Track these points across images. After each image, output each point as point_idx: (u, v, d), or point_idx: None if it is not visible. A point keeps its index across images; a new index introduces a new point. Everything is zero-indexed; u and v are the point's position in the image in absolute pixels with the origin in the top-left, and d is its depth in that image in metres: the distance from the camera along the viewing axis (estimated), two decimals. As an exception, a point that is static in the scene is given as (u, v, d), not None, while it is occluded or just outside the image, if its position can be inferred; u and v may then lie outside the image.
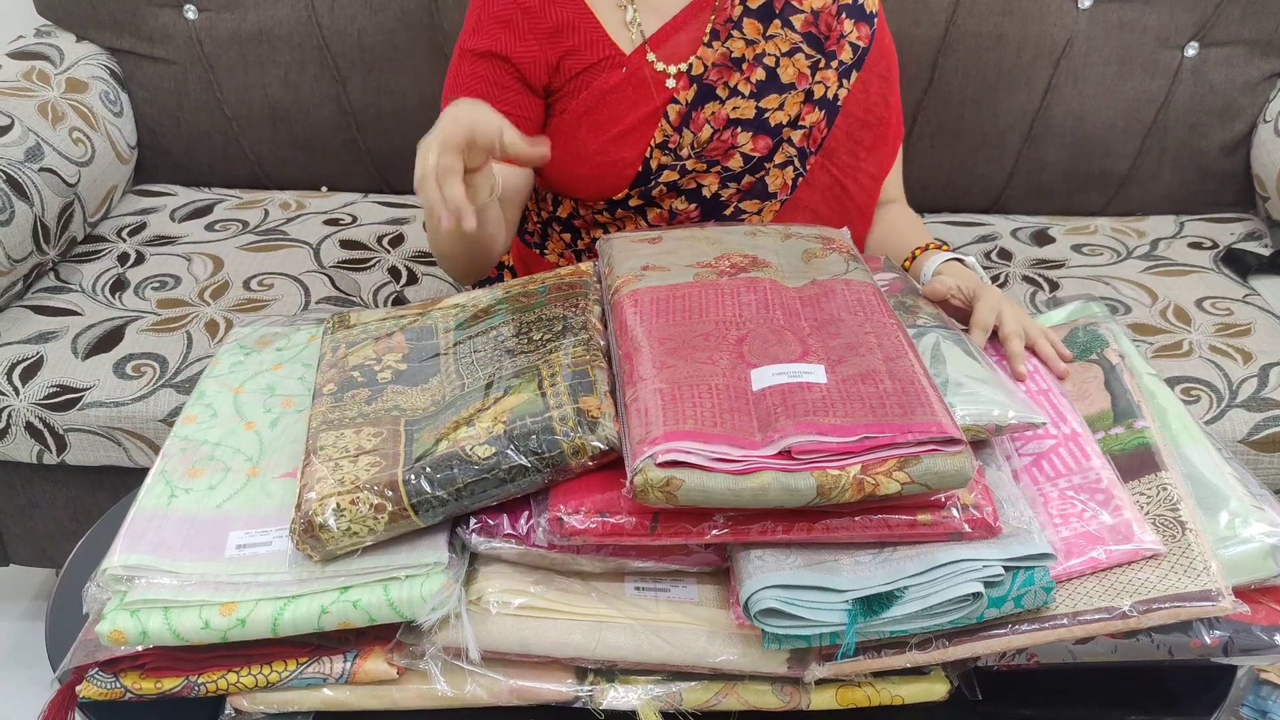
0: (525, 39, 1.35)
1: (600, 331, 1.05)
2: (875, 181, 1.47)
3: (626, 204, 1.40)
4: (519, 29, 1.35)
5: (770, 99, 1.36)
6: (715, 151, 1.36)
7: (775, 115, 1.36)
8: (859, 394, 0.89)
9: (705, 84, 1.36)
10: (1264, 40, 1.94)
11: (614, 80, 1.36)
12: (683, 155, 1.36)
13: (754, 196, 1.40)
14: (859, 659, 0.87)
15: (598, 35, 1.36)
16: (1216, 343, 1.63)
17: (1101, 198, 2.05)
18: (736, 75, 1.36)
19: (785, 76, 1.37)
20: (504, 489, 0.89)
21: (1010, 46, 1.93)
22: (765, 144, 1.37)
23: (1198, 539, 0.91)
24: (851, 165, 1.44)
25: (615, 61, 1.36)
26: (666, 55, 1.37)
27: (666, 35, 1.37)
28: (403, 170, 2.09)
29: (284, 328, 1.23)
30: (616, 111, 1.36)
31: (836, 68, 1.38)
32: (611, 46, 1.36)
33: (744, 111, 1.36)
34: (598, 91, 1.36)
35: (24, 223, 1.67)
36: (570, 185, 1.42)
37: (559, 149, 1.39)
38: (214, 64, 2.01)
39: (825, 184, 1.43)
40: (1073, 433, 1.02)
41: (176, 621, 0.87)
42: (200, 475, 1.00)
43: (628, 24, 1.36)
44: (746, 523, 0.86)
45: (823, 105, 1.38)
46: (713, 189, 1.38)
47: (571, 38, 1.36)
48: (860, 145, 1.43)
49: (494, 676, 0.90)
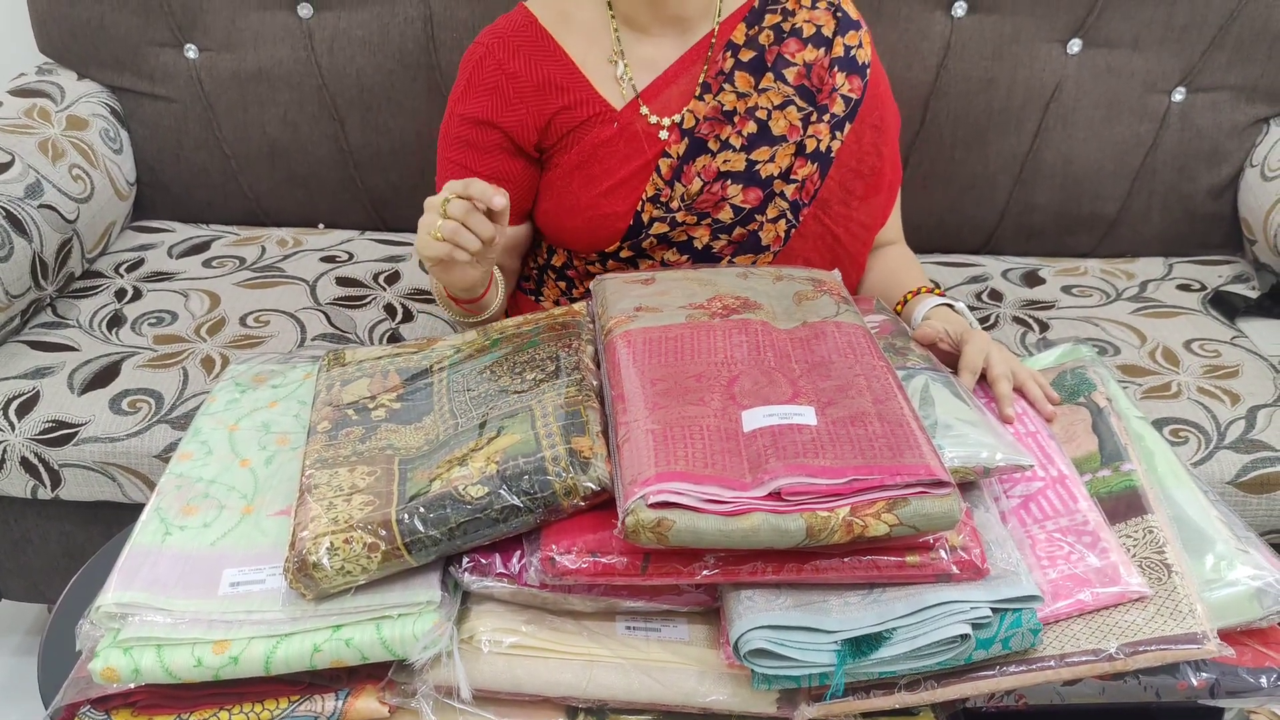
0: (512, 104, 1.38)
1: (593, 372, 1.06)
2: (868, 230, 1.49)
3: (618, 255, 1.42)
4: (505, 95, 1.38)
5: (761, 151, 1.38)
6: (705, 204, 1.38)
7: (766, 167, 1.38)
8: (848, 436, 0.90)
9: (696, 137, 1.37)
10: (1250, 86, 1.97)
11: (605, 135, 1.38)
12: (673, 208, 1.38)
13: (746, 249, 1.41)
14: (848, 699, 0.88)
15: (588, 94, 1.38)
16: (1205, 384, 1.64)
17: (1091, 239, 2.07)
18: (728, 128, 1.37)
19: (777, 129, 1.38)
20: (496, 529, 0.90)
21: (1000, 90, 1.96)
22: (756, 196, 1.38)
23: (1183, 582, 0.91)
24: (844, 215, 1.45)
25: (607, 117, 1.38)
26: (659, 108, 1.38)
27: (659, 89, 1.39)
28: (399, 208, 2.11)
29: (280, 365, 1.24)
30: (609, 165, 1.38)
31: (829, 120, 1.40)
32: (602, 103, 1.38)
33: (734, 164, 1.37)
34: (590, 146, 1.38)
35: (22, 258, 1.68)
36: (563, 237, 1.44)
37: (552, 202, 1.42)
38: (213, 102, 2.02)
39: (818, 233, 1.45)
40: (1060, 475, 1.03)
41: (169, 659, 0.87)
42: (195, 512, 1.00)
43: (618, 79, 1.38)
44: (737, 563, 0.87)
45: (815, 158, 1.40)
46: (704, 240, 1.39)
47: (561, 97, 1.38)
48: (852, 195, 1.45)
49: (486, 715, 0.90)
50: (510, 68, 1.37)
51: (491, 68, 1.37)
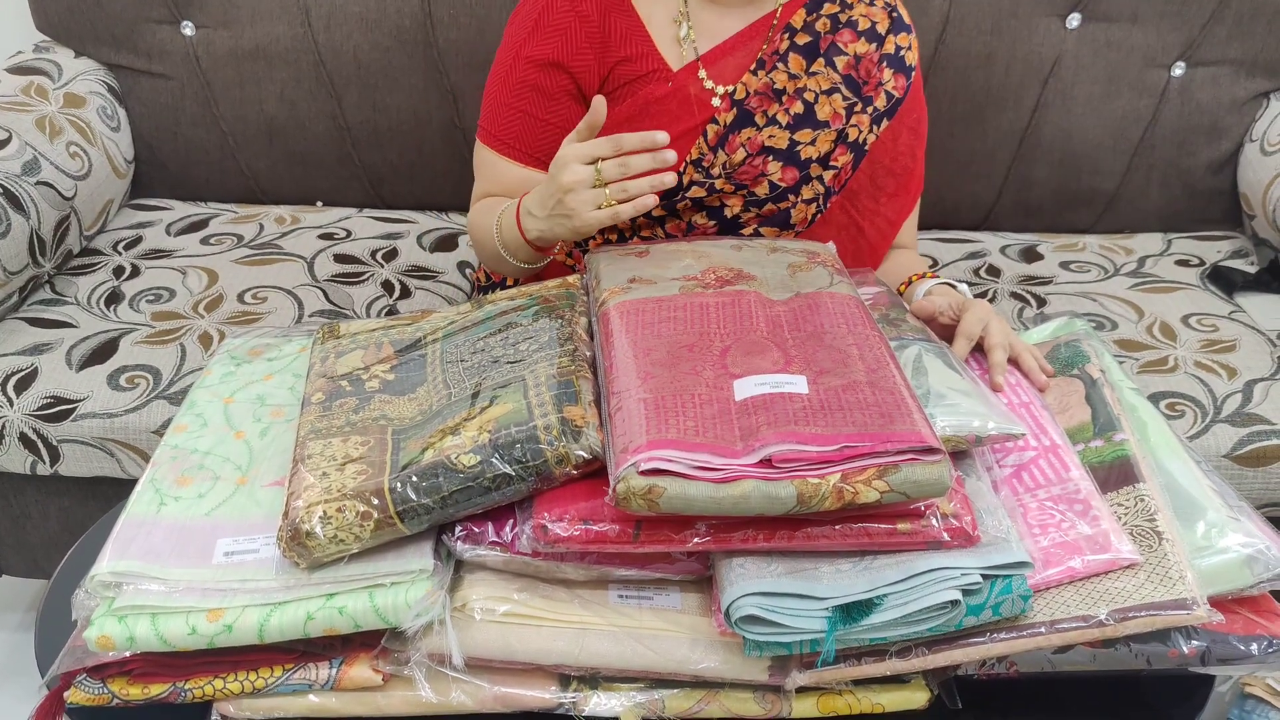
0: (581, 49, 1.38)
1: (586, 342, 1.06)
2: (892, 226, 1.50)
3: (649, 213, 1.42)
4: (576, 38, 1.37)
5: (804, 133, 1.38)
6: (745, 176, 1.38)
7: (806, 150, 1.38)
8: (840, 404, 0.90)
9: (745, 109, 1.38)
10: (1250, 60, 1.96)
11: (660, 93, 1.38)
12: (714, 174, 1.38)
13: (774, 224, 1.41)
14: (839, 667, 0.88)
15: (649, 49, 1.39)
16: (1202, 359, 1.64)
17: (1090, 215, 2.07)
18: (775, 105, 1.38)
19: (821, 114, 1.39)
20: (489, 497, 0.90)
21: (999, 66, 1.95)
22: (793, 175, 1.38)
23: (1174, 549, 0.92)
24: (871, 209, 1.47)
25: (663, 75, 1.39)
26: (715, 75, 1.39)
27: (718, 56, 1.40)
28: (397, 185, 2.11)
29: (275, 339, 1.25)
30: (659, 123, 1.37)
31: (871, 113, 1.41)
32: (660, 60, 1.39)
33: (778, 141, 1.38)
34: (643, 101, 1.38)
35: (20, 235, 1.68)
36: None
37: None
38: (211, 80, 2.02)
39: (843, 223, 1.46)
40: (1053, 444, 1.03)
41: (164, 627, 0.87)
42: (189, 483, 1.01)
43: (680, 40, 1.39)
44: (728, 531, 0.87)
45: (853, 148, 1.40)
46: (735, 210, 1.39)
47: (624, 48, 1.38)
48: (882, 191, 1.46)
49: (478, 683, 0.90)
50: (582, 9, 1.37)
51: (564, 8, 1.37)
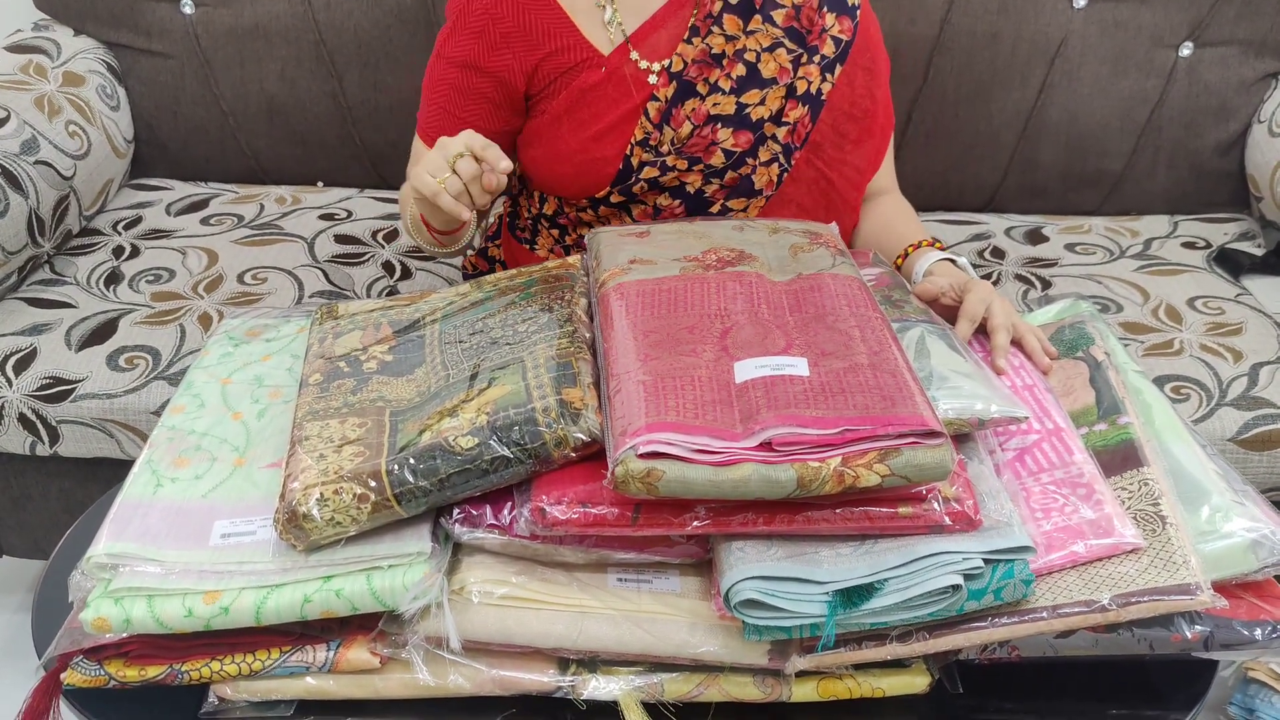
0: (498, 49, 1.37)
1: (585, 324, 1.05)
2: (861, 175, 1.48)
3: (609, 201, 1.41)
4: (491, 39, 1.37)
5: (751, 94, 1.37)
6: (696, 148, 1.37)
7: (756, 110, 1.37)
8: (841, 386, 0.89)
9: (685, 80, 1.36)
10: (1258, 40, 1.94)
11: (594, 79, 1.37)
12: (663, 152, 1.37)
13: (740, 194, 1.40)
14: (840, 651, 0.88)
15: (575, 39, 1.37)
16: (1207, 341, 1.63)
17: (1096, 197, 2.05)
18: (716, 71, 1.36)
19: (766, 72, 1.37)
20: (487, 480, 0.89)
21: (1005, 45, 1.93)
22: (746, 139, 1.37)
23: (1178, 533, 0.91)
24: (837, 159, 1.44)
25: (594, 62, 1.37)
26: (648, 52, 1.37)
27: (647, 33, 1.38)
28: (398, 165, 2.09)
29: (274, 319, 1.24)
30: (597, 110, 1.37)
31: (819, 62, 1.38)
32: (589, 49, 1.37)
33: (724, 107, 1.37)
34: (577, 91, 1.37)
35: (19, 215, 1.67)
36: (553, 184, 1.43)
37: (541, 149, 1.40)
38: (211, 58, 2.01)
39: (811, 178, 1.43)
40: (1056, 428, 1.02)
41: (160, 609, 0.87)
42: (186, 465, 1.00)
43: (606, 24, 1.37)
44: (727, 514, 0.86)
45: (806, 100, 1.39)
46: (696, 185, 1.38)
47: (549, 42, 1.37)
48: (846, 139, 1.44)
49: (476, 666, 0.90)
50: (496, 11, 1.36)
51: (478, 11, 1.36)
